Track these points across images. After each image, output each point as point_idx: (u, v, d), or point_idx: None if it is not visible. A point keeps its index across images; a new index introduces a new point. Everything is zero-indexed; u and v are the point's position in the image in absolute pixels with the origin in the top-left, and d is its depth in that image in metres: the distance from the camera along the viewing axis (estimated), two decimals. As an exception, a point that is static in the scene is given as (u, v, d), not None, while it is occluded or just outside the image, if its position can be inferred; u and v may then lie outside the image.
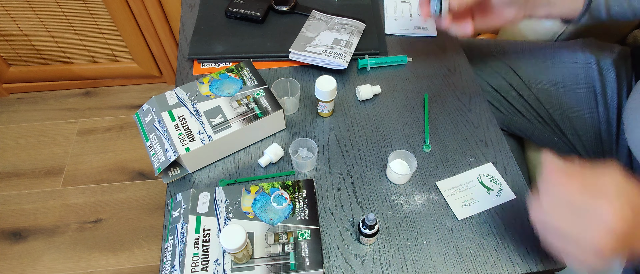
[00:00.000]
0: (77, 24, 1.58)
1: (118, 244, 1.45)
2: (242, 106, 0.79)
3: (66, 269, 1.40)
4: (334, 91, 0.80)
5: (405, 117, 0.86)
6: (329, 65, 0.90)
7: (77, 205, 1.54)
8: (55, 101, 1.84)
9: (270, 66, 0.94)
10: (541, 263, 0.67)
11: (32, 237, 1.46)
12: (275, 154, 0.78)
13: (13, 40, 1.62)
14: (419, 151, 0.81)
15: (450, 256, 0.68)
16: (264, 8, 0.99)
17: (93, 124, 1.77)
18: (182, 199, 0.70)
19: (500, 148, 0.81)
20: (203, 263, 0.63)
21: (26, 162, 1.65)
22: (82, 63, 1.76)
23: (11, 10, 1.50)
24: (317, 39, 0.93)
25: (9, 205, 1.54)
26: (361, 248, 0.69)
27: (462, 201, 0.74)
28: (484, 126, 0.84)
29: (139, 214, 1.52)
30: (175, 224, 0.68)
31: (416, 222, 0.72)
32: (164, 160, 0.72)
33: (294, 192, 0.71)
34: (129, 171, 1.62)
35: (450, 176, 0.77)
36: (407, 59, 0.95)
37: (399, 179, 0.75)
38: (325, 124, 0.84)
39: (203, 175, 0.77)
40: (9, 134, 1.73)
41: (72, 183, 1.59)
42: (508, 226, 0.71)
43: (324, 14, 1.00)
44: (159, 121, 0.77)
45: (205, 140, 0.73)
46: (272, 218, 0.67)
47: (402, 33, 1.01)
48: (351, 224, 0.71)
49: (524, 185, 0.76)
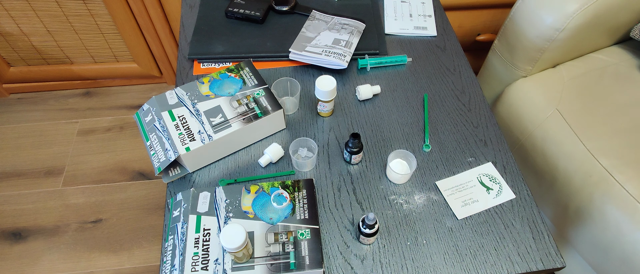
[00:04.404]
0: (77, 24, 1.58)
1: (118, 244, 1.45)
2: (242, 106, 0.79)
3: (66, 269, 1.40)
4: (334, 90, 0.80)
5: (405, 117, 0.86)
6: (329, 65, 0.90)
7: (77, 205, 1.54)
8: (56, 101, 1.84)
9: (270, 66, 0.94)
10: (541, 263, 0.67)
11: (32, 237, 1.46)
12: (275, 153, 0.78)
13: (13, 40, 1.62)
14: (419, 150, 0.81)
15: (450, 256, 0.68)
16: (264, 8, 0.99)
17: (93, 124, 1.77)
18: (182, 198, 0.70)
19: (500, 148, 0.81)
20: (203, 262, 0.63)
21: (26, 162, 1.65)
22: (83, 63, 1.76)
23: (11, 10, 1.50)
24: (317, 39, 0.93)
25: (9, 205, 1.54)
26: (361, 248, 0.69)
27: (462, 201, 0.74)
28: (484, 125, 0.84)
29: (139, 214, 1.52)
30: (175, 224, 0.68)
31: (416, 221, 0.72)
32: (164, 160, 0.72)
33: (294, 191, 0.71)
34: (129, 171, 1.62)
35: (450, 175, 0.77)
36: (407, 59, 0.95)
37: (399, 178, 0.75)
38: (325, 124, 0.85)
39: (203, 175, 0.77)
40: (9, 134, 1.73)
41: (72, 183, 1.59)
42: (508, 225, 0.71)
43: (324, 14, 1.00)
44: (159, 121, 0.77)
45: (206, 140, 0.74)
46: (272, 218, 0.68)
47: (402, 33, 1.01)
48: (351, 224, 0.71)
49: (524, 185, 0.76)
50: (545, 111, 1.07)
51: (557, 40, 1.05)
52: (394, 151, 0.76)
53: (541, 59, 1.11)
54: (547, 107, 1.08)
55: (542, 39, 1.06)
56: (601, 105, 1.06)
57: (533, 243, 0.69)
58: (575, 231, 1.00)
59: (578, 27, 1.03)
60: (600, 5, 1.02)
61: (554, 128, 1.04)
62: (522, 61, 1.14)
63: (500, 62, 1.22)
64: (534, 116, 1.09)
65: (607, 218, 0.91)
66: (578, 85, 1.11)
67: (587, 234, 0.97)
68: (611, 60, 1.17)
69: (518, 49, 1.13)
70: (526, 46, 1.10)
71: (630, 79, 1.12)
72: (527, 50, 1.10)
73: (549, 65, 1.15)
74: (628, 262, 0.89)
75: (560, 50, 1.09)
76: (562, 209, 1.03)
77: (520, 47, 1.12)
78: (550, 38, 1.05)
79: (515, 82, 1.17)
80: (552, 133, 1.04)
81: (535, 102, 1.10)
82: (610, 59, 1.17)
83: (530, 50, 1.10)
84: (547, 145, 1.05)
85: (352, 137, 0.73)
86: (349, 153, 0.75)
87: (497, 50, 1.23)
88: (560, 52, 1.10)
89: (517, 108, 1.14)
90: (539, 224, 0.71)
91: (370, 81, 0.91)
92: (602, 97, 1.08)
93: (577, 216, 0.99)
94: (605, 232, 0.92)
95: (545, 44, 1.06)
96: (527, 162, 1.12)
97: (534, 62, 1.12)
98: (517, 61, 1.15)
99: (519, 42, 1.11)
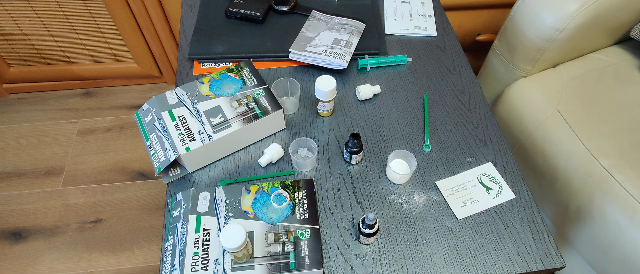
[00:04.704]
0: (77, 24, 1.58)
1: (118, 244, 1.45)
2: (242, 106, 0.79)
3: (66, 269, 1.40)
4: (334, 90, 0.80)
5: (405, 117, 0.86)
6: (328, 65, 0.90)
7: (77, 205, 1.54)
8: (56, 101, 1.84)
9: (270, 66, 0.94)
10: (541, 263, 0.67)
11: (32, 237, 1.46)
12: (275, 153, 0.78)
13: (13, 40, 1.62)
14: (419, 150, 0.81)
15: (450, 256, 0.68)
16: (264, 8, 0.99)
17: (93, 124, 1.77)
18: (182, 198, 0.70)
19: (500, 148, 0.81)
20: (203, 262, 0.63)
21: (26, 162, 1.65)
22: (83, 63, 1.76)
23: (11, 10, 1.50)
24: (317, 39, 0.93)
25: (9, 205, 1.54)
26: (361, 248, 0.69)
27: (462, 201, 0.74)
28: (484, 125, 0.84)
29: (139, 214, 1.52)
30: (175, 224, 0.68)
31: (416, 221, 0.72)
32: (164, 160, 0.72)
33: (294, 191, 0.71)
34: (129, 171, 1.62)
35: (450, 175, 0.77)
36: (407, 59, 0.95)
37: (399, 178, 0.75)
38: (325, 124, 0.85)
39: (203, 175, 0.77)
40: (9, 134, 1.73)
41: (72, 183, 1.59)
42: (508, 225, 0.71)
43: (324, 14, 1.00)
44: (159, 121, 0.77)
45: (206, 140, 0.74)
46: (272, 218, 0.68)
47: (402, 33, 1.01)
48: (351, 224, 0.71)
49: (524, 185, 0.76)
50: (545, 111, 1.07)
51: (557, 40, 1.05)
52: (394, 151, 0.76)
53: (541, 59, 1.11)
54: (547, 107, 1.08)
55: (542, 39, 1.06)
56: (601, 105, 1.06)
57: (533, 243, 0.69)
58: (575, 231, 1.00)
59: (578, 27, 1.03)
60: (600, 5, 1.02)
61: (554, 128, 1.04)
62: (522, 61, 1.14)
63: (500, 62, 1.22)
64: (534, 116, 1.09)
65: (607, 218, 0.91)
66: (578, 85, 1.11)
67: (587, 234, 0.97)
68: (611, 60, 1.17)
69: (518, 49, 1.13)
70: (526, 46, 1.10)
71: (630, 79, 1.12)
72: (527, 50, 1.10)
73: (549, 65, 1.15)
74: (628, 262, 0.89)
75: (560, 50, 1.09)
76: (562, 209, 1.03)
77: (520, 47, 1.12)
78: (550, 38, 1.05)
79: (515, 82, 1.17)
80: (552, 133, 1.04)
81: (535, 102, 1.10)
82: (610, 59, 1.17)
83: (530, 50, 1.10)
84: (547, 145, 1.05)
85: (352, 137, 0.73)
86: (349, 153, 0.75)
87: (497, 50, 1.23)
88: (560, 52, 1.10)
89: (517, 108, 1.14)
90: (539, 224, 0.71)
91: (370, 81, 0.91)
92: (602, 97, 1.08)
93: (577, 216, 0.99)
94: (605, 232, 0.92)
95: (545, 44, 1.06)
96: (527, 162, 1.12)
97: (534, 62, 1.12)
98: (517, 61, 1.15)
99: (519, 42, 1.11)
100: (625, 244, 0.89)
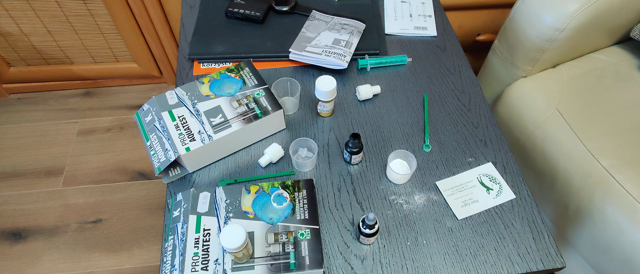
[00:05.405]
0: (77, 24, 1.58)
1: (118, 244, 1.45)
2: (242, 106, 0.79)
3: (66, 269, 1.40)
4: (334, 90, 0.80)
5: (405, 117, 0.86)
6: (329, 65, 0.90)
7: (77, 205, 1.54)
8: (56, 101, 1.84)
9: (270, 66, 0.94)
10: (541, 263, 0.67)
11: (32, 237, 1.46)
12: (275, 154, 0.78)
13: (13, 40, 1.62)
14: (419, 150, 0.81)
15: (450, 256, 0.68)
16: (264, 8, 0.99)
17: (93, 124, 1.77)
18: (182, 198, 0.70)
19: (500, 148, 0.81)
20: (203, 262, 0.63)
21: (26, 162, 1.65)
22: (83, 63, 1.76)
23: (11, 10, 1.50)
24: (317, 39, 0.93)
25: (9, 205, 1.54)
26: (361, 248, 0.69)
27: (462, 201, 0.74)
28: (484, 125, 0.84)
29: (139, 214, 1.52)
30: (175, 224, 0.68)
31: (416, 222, 0.72)
32: (164, 160, 0.72)
33: (294, 192, 0.71)
34: (129, 171, 1.62)
35: (450, 175, 0.77)
36: (407, 59, 0.95)
37: (399, 179, 0.75)
38: (325, 124, 0.85)
39: (203, 175, 0.77)
40: (9, 134, 1.73)
41: (72, 183, 1.59)
42: (508, 226, 0.71)
43: (324, 14, 1.00)
44: (159, 121, 0.77)
45: (206, 140, 0.74)
46: (272, 218, 0.68)
47: (402, 33, 1.01)
48: (351, 224, 0.71)
49: (524, 185, 0.76)
50: (545, 111, 1.07)
51: (557, 40, 1.05)
52: (394, 151, 0.76)
53: (541, 59, 1.11)
54: (547, 107, 1.08)
55: (542, 39, 1.06)
56: (601, 105, 1.06)
57: (533, 243, 0.69)
58: (575, 231, 1.00)
59: (578, 27, 1.03)
60: (600, 5, 1.02)
61: (554, 128, 1.04)
62: (522, 61, 1.14)
63: (500, 62, 1.22)
64: (534, 116, 1.09)
65: (607, 218, 0.91)
66: (578, 85, 1.11)
67: (587, 234, 0.97)
68: (611, 60, 1.17)
69: (518, 49, 1.13)
70: (526, 46, 1.10)
71: (630, 79, 1.12)
72: (527, 50, 1.10)
73: (549, 65, 1.15)
74: (628, 262, 0.89)
75: (560, 50, 1.09)
76: (562, 209, 1.03)
77: (520, 47, 1.12)
78: (551, 38, 1.05)
79: (515, 83, 1.17)
80: (552, 133, 1.04)
81: (535, 102, 1.10)
82: (610, 59, 1.17)
83: (530, 51, 1.10)
84: (547, 145, 1.05)
85: (352, 137, 0.73)
86: (349, 153, 0.75)
87: (497, 50, 1.23)
88: (560, 52, 1.10)
89: (517, 108, 1.14)
90: (539, 224, 0.71)
91: (370, 81, 0.91)
92: (602, 97, 1.08)
93: (577, 216, 0.99)
94: (605, 232, 0.92)
95: (545, 44, 1.06)
96: (527, 162, 1.12)
97: (534, 62, 1.12)
98: (517, 61, 1.15)
99: (519, 42, 1.11)
100: (625, 244, 0.89)
